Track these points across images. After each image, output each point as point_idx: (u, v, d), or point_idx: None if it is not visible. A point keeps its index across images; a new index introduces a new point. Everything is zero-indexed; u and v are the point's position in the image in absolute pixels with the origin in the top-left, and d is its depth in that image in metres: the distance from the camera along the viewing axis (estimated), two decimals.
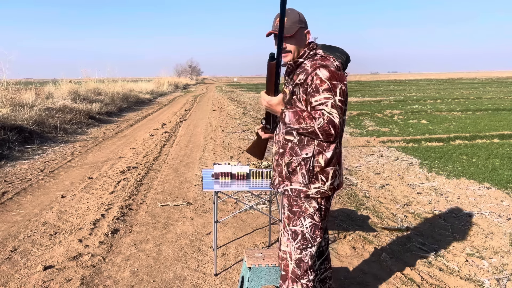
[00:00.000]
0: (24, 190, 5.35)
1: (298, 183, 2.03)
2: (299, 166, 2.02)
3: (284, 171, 2.06)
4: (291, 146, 2.04)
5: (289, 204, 2.08)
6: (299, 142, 2.02)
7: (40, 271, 3.12)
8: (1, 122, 8.03)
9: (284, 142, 2.07)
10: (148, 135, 10.12)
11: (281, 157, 2.09)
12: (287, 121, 1.94)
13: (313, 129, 1.88)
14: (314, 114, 1.89)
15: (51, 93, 14.61)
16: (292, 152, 2.04)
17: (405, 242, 3.63)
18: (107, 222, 4.13)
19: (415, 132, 10.18)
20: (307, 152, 2.00)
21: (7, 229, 4.03)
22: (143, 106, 20.19)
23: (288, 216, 2.09)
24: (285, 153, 2.06)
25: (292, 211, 2.07)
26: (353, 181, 5.78)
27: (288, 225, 2.09)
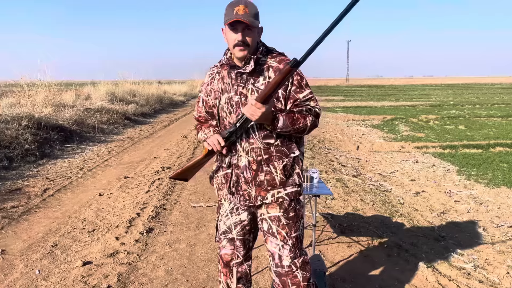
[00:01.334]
0: (64, 188, 5.56)
1: (292, 185, 1.95)
2: (292, 166, 1.94)
3: (278, 177, 1.92)
4: (277, 149, 1.92)
5: (285, 212, 1.96)
6: (282, 143, 1.92)
7: (79, 266, 3.24)
8: (43, 121, 8.39)
9: (265, 147, 1.92)
10: (182, 136, 10.30)
11: (267, 163, 1.92)
12: (280, 126, 1.81)
13: (306, 126, 1.86)
14: (303, 111, 1.86)
15: (90, 94, 15.13)
16: (281, 154, 1.93)
17: (443, 251, 3.53)
18: (142, 221, 4.23)
19: (452, 138, 9.87)
20: (293, 151, 1.95)
21: (48, 225, 4.20)
22: (177, 108, 20.57)
23: (287, 224, 1.96)
24: (271, 158, 1.92)
25: (289, 217, 1.96)
26: (387, 187, 5.67)
27: (288, 235, 1.96)
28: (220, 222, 2.13)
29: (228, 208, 2.09)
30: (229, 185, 2.02)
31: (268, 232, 1.99)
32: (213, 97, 2.03)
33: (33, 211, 4.61)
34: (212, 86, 2.04)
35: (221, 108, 1.99)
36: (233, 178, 2.00)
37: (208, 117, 2.14)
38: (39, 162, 7.00)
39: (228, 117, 1.97)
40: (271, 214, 1.97)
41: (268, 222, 1.98)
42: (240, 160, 1.96)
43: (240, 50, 1.85)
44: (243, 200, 1.99)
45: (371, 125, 12.78)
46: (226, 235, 2.11)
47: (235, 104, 1.93)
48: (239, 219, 2.07)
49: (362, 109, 18.68)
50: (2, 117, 7.77)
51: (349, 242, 3.69)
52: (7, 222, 4.24)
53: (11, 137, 7.10)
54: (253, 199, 1.96)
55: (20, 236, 3.92)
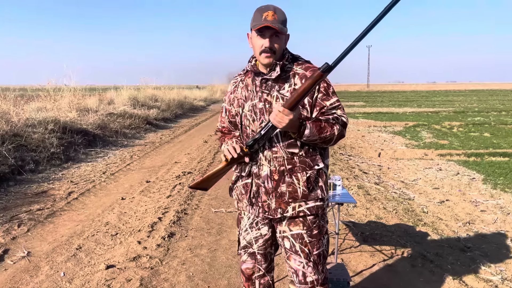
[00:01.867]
0: (88, 191, 5.66)
1: (315, 199, 1.87)
2: (316, 179, 1.86)
3: (301, 189, 1.84)
4: (301, 160, 1.85)
5: (308, 229, 1.89)
6: (306, 153, 1.85)
7: (103, 270, 3.28)
8: (68, 125, 8.59)
9: (289, 156, 1.85)
10: (202, 141, 10.37)
11: (290, 174, 1.85)
12: (307, 134, 1.75)
13: (333, 135, 1.79)
14: (330, 120, 1.81)
15: (113, 99, 15.42)
16: (304, 165, 1.85)
17: (469, 263, 3.43)
18: (164, 226, 4.27)
19: (477, 145, 9.63)
20: (318, 163, 1.87)
21: (73, 228, 4.28)
22: (197, 113, 20.75)
23: (310, 242, 1.89)
24: (295, 169, 1.84)
25: (312, 235, 1.89)
26: (410, 195, 5.56)
27: (311, 253, 1.89)
28: (241, 236, 2.09)
29: (247, 222, 2.03)
30: (249, 196, 1.96)
31: (290, 250, 1.93)
32: (236, 105, 1.99)
33: (58, 214, 4.70)
34: (235, 94, 2.01)
35: (244, 115, 1.94)
36: (253, 188, 1.93)
37: (231, 127, 2.09)
38: (64, 166, 7.15)
39: (252, 125, 1.92)
40: (294, 232, 1.90)
41: (291, 240, 1.91)
42: (261, 169, 1.89)
43: (267, 56, 1.81)
44: (262, 212, 1.92)
45: (393, 132, 12.61)
46: (246, 249, 2.06)
47: (259, 111, 1.88)
48: (260, 233, 2.01)
49: (383, 115, 18.46)
50: (29, 121, 7.99)
51: (372, 251, 3.63)
52: (33, 224, 4.34)
53: (38, 140, 7.29)
54: (272, 211, 1.89)
55: (45, 238, 4.00)
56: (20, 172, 6.27)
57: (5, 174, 5.96)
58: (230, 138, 2.04)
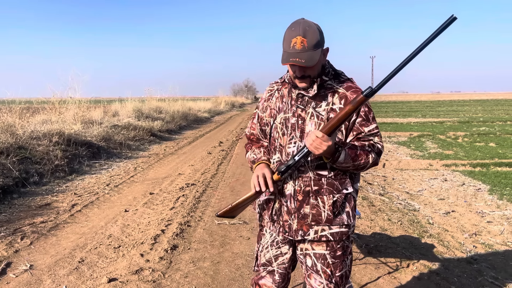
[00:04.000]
0: (92, 203, 5.66)
1: (340, 225, 1.77)
2: (343, 204, 1.77)
3: (325, 213, 1.75)
4: (329, 182, 1.76)
5: (332, 250, 1.80)
6: (335, 176, 1.76)
7: (105, 283, 3.26)
8: (73, 137, 8.62)
9: (316, 177, 1.76)
10: (206, 152, 10.37)
11: (315, 196, 1.76)
12: (341, 160, 1.66)
13: (367, 163, 1.71)
14: (366, 147, 1.72)
15: (117, 111, 15.51)
16: (332, 188, 1.76)
17: (476, 275, 3.38)
18: (167, 238, 4.24)
19: (482, 155, 9.56)
20: (347, 187, 1.79)
21: (75, 240, 4.26)
22: (201, 124, 20.80)
23: (333, 264, 1.81)
24: (321, 191, 1.75)
25: (336, 256, 1.81)
26: (415, 206, 5.52)
27: (333, 274, 1.81)
28: (261, 253, 1.99)
29: (269, 239, 1.96)
30: (270, 212, 1.89)
31: (312, 269, 1.84)
32: (268, 114, 1.92)
33: (61, 226, 4.70)
34: (269, 103, 1.93)
35: (275, 127, 1.87)
36: (276, 206, 1.86)
37: (261, 136, 2.01)
38: (68, 178, 7.17)
39: (281, 139, 1.83)
40: (316, 251, 1.82)
41: (313, 259, 1.83)
42: (286, 187, 1.81)
43: (300, 82, 1.74)
44: (282, 232, 1.85)
45: (397, 142, 12.56)
46: (266, 267, 1.97)
47: (290, 126, 1.80)
48: (280, 251, 1.93)
49: (387, 126, 18.41)
50: (34, 133, 8.03)
51: (377, 263, 3.59)
52: (36, 237, 4.33)
53: (42, 153, 7.32)
54: (293, 232, 1.81)
55: (48, 251, 3.99)
56: (24, 185, 6.29)
57: (9, 187, 5.97)
58: (258, 147, 1.99)
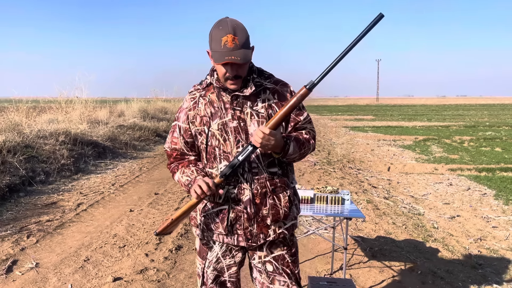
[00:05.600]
0: (97, 203, 5.69)
1: (292, 218, 1.79)
2: (293, 197, 1.78)
3: (283, 210, 1.74)
4: (281, 179, 1.75)
5: (288, 249, 1.81)
6: (283, 171, 1.76)
7: (110, 282, 3.28)
8: (79, 137, 8.68)
9: (270, 177, 1.72)
10: None
11: (272, 195, 1.72)
12: (290, 152, 1.64)
13: (309, 150, 1.75)
14: (305, 135, 1.75)
15: (123, 111, 15.58)
16: (284, 185, 1.76)
17: (480, 280, 3.37)
18: (171, 238, 4.26)
19: (488, 160, 9.52)
20: (292, 181, 1.80)
21: (81, 239, 4.29)
22: None
23: (292, 261, 1.81)
24: (277, 189, 1.73)
25: (292, 253, 1.82)
26: (419, 210, 5.50)
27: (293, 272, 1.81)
28: (209, 269, 1.86)
29: (219, 251, 1.84)
30: (226, 224, 1.74)
31: (275, 273, 1.80)
32: (199, 123, 1.75)
33: (67, 225, 4.73)
34: (196, 111, 1.76)
35: (212, 135, 1.72)
36: (231, 216, 1.73)
37: (186, 149, 1.83)
38: (73, 177, 7.22)
39: (223, 146, 1.71)
40: (275, 254, 1.80)
41: (273, 263, 1.79)
42: (242, 193, 1.70)
43: (232, 84, 1.67)
44: (243, 240, 1.74)
45: (402, 146, 12.53)
46: (217, 280, 1.87)
47: (232, 130, 1.69)
48: (234, 261, 1.85)
49: (393, 129, 18.37)
50: (41, 132, 8.09)
51: (381, 267, 3.58)
52: (42, 236, 4.36)
53: (49, 152, 7.38)
54: (255, 238, 1.74)
55: (54, 249, 4.02)
56: (31, 183, 6.34)
57: (16, 185, 6.02)
58: (186, 166, 1.81)
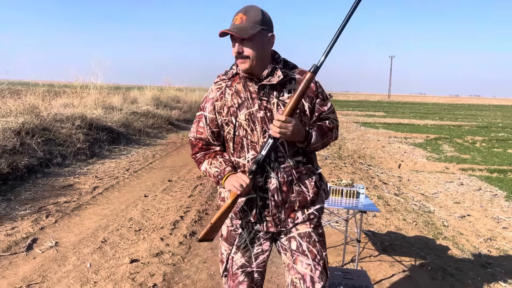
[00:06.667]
0: (112, 187, 5.81)
1: (320, 202, 1.83)
2: (320, 183, 1.83)
3: (310, 196, 1.77)
4: (306, 167, 1.79)
5: (315, 228, 1.80)
6: (307, 160, 1.80)
7: (127, 263, 3.39)
8: (95, 122, 8.81)
9: (295, 165, 1.76)
10: None
11: (298, 183, 1.76)
12: (313, 141, 1.70)
13: (331, 139, 1.81)
14: (328, 124, 1.79)
15: (136, 98, 15.70)
16: (309, 171, 1.80)
17: (490, 279, 3.41)
18: (185, 224, 4.36)
19: (500, 161, 9.48)
20: (317, 167, 1.86)
21: (98, 221, 4.41)
22: None
23: (318, 241, 1.79)
24: (302, 176, 1.77)
25: (319, 234, 1.81)
26: (430, 208, 5.53)
27: (320, 254, 1.78)
28: (236, 255, 1.84)
29: (247, 239, 1.83)
30: (255, 211, 1.77)
31: (297, 251, 1.77)
32: (226, 113, 1.76)
33: (83, 207, 4.85)
34: (223, 101, 1.77)
35: (239, 125, 1.74)
36: (259, 203, 1.76)
37: (212, 139, 1.84)
38: (89, 161, 7.35)
39: (251, 135, 1.73)
40: (300, 231, 1.78)
41: (297, 240, 1.78)
42: (269, 182, 1.73)
43: (240, 62, 1.68)
44: (273, 226, 1.78)
45: (413, 144, 12.49)
46: (244, 269, 1.83)
47: (259, 120, 1.71)
48: (261, 249, 1.83)
49: (404, 127, 18.29)
50: (57, 116, 8.23)
51: (392, 261, 3.65)
52: (60, 216, 4.49)
53: (65, 135, 7.51)
54: (283, 223, 1.77)
55: (72, 230, 4.14)
56: (48, 165, 6.48)
57: (34, 166, 6.16)
58: (214, 158, 1.82)
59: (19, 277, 3.12)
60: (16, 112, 7.24)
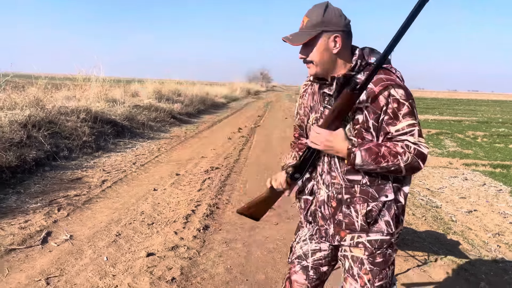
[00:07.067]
0: (121, 180, 5.82)
1: (380, 233, 1.62)
2: (380, 213, 1.60)
3: (359, 223, 1.62)
4: (363, 190, 1.60)
5: (370, 255, 1.63)
6: (371, 182, 1.59)
7: (143, 257, 3.41)
8: (99, 115, 8.79)
9: (347, 185, 1.61)
10: (226, 138, 10.49)
11: (347, 205, 1.63)
12: (358, 163, 1.52)
13: (398, 167, 1.50)
14: (395, 147, 1.51)
15: (137, 91, 15.66)
16: (367, 197, 1.59)
17: (502, 273, 3.46)
18: (197, 218, 4.38)
19: (502, 157, 9.52)
20: (386, 193, 1.59)
21: (110, 215, 4.42)
22: (218, 110, 20.90)
23: (371, 270, 1.63)
24: (353, 200, 1.61)
25: (375, 263, 1.63)
26: (437, 203, 5.57)
27: (370, 283, 1.63)
28: (297, 245, 1.88)
29: (307, 233, 1.85)
30: (305, 213, 1.80)
31: (348, 272, 1.70)
32: (303, 113, 1.81)
33: (94, 201, 4.86)
34: (303, 100, 1.81)
35: (309, 128, 1.76)
36: (312, 208, 1.76)
37: (300, 130, 1.91)
38: (95, 154, 7.35)
39: None
40: (354, 254, 1.67)
41: (350, 261, 1.69)
42: (319, 192, 1.71)
43: (307, 67, 1.64)
44: (318, 236, 1.76)
45: None
46: (300, 261, 1.84)
47: None
48: (319, 247, 1.80)
49: None
50: (62, 109, 8.20)
51: (405, 256, 3.68)
52: (72, 209, 4.50)
53: (71, 128, 7.50)
54: (330, 237, 1.71)
55: (85, 223, 4.15)
56: (55, 158, 6.47)
57: (41, 160, 6.16)
58: (293, 149, 1.92)
59: (37, 270, 3.14)
60: (22, 105, 7.22)
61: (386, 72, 1.59)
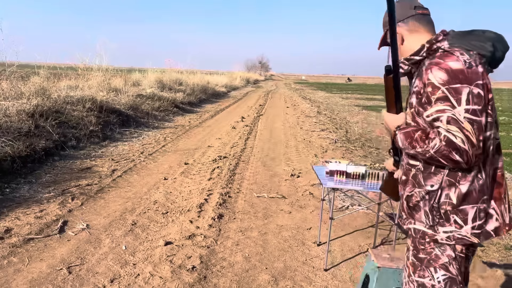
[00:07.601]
0: (130, 170, 5.83)
1: (422, 223, 1.59)
2: (422, 201, 1.57)
3: (404, 205, 1.65)
4: (414, 174, 1.59)
5: (414, 248, 1.62)
6: (424, 169, 1.56)
7: (162, 246, 3.44)
8: (104, 105, 8.77)
9: (407, 167, 1.63)
10: (230, 127, 10.49)
11: (402, 187, 1.66)
12: (400, 145, 1.58)
13: (430, 154, 1.45)
14: (428, 134, 1.47)
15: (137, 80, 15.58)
16: (414, 181, 1.59)
17: None
18: (211, 207, 4.40)
19: (505, 145, 9.58)
20: (432, 183, 1.54)
21: (123, 204, 4.45)
22: (220, 99, 20.87)
23: (413, 262, 1.62)
24: (407, 182, 1.63)
25: (418, 257, 1.60)
26: None
27: (413, 273, 1.62)
28: None
29: None
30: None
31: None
32: None
33: (106, 190, 4.88)
34: None
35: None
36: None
37: None
38: (102, 144, 7.35)
39: None
40: (408, 243, 1.69)
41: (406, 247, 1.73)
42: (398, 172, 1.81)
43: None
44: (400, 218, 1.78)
45: None
46: None
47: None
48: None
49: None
50: (68, 98, 8.18)
51: None
52: (85, 199, 4.52)
53: (78, 118, 7.49)
54: (401, 220, 1.73)
55: (99, 212, 4.18)
56: (63, 148, 6.48)
57: (50, 149, 6.17)
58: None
59: (57, 260, 3.16)
60: (29, 94, 7.19)
61: (445, 54, 1.51)
